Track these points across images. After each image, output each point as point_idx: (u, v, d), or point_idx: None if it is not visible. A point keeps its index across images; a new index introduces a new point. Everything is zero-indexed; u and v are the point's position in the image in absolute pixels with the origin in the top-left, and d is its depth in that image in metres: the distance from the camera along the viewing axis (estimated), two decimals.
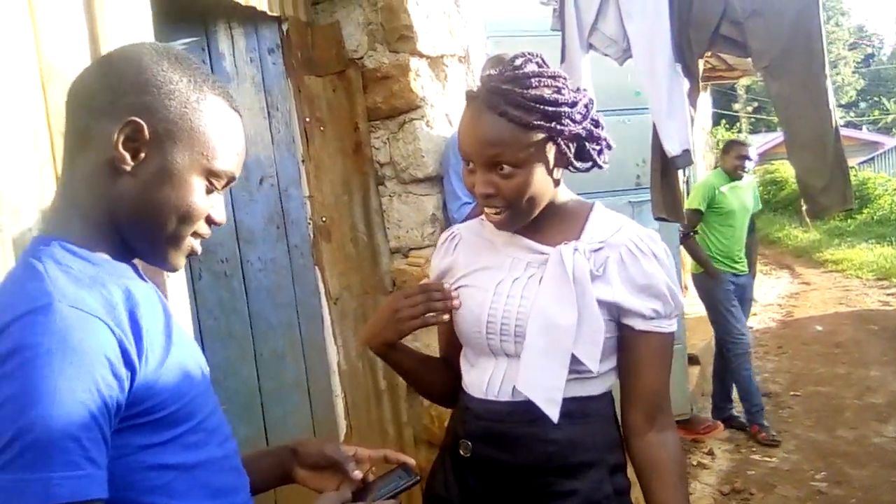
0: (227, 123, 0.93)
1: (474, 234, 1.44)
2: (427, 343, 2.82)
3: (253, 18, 2.45)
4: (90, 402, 0.76)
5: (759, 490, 3.82)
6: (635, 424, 1.31)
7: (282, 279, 2.55)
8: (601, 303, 1.25)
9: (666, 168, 2.69)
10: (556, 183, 1.30)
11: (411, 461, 1.19)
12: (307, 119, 2.62)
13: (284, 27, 2.58)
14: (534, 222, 1.31)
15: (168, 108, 0.88)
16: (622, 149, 3.30)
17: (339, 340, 2.71)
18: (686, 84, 2.56)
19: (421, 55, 2.70)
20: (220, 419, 0.97)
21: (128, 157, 0.87)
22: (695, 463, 4.20)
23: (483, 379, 1.33)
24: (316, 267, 2.66)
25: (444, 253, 1.47)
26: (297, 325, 2.58)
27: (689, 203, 4.65)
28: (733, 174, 4.64)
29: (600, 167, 1.32)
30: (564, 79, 1.27)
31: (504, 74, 1.24)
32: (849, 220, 16.19)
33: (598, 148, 1.30)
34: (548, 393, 1.24)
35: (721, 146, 5.86)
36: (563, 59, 2.74)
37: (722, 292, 4.60)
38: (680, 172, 2.76)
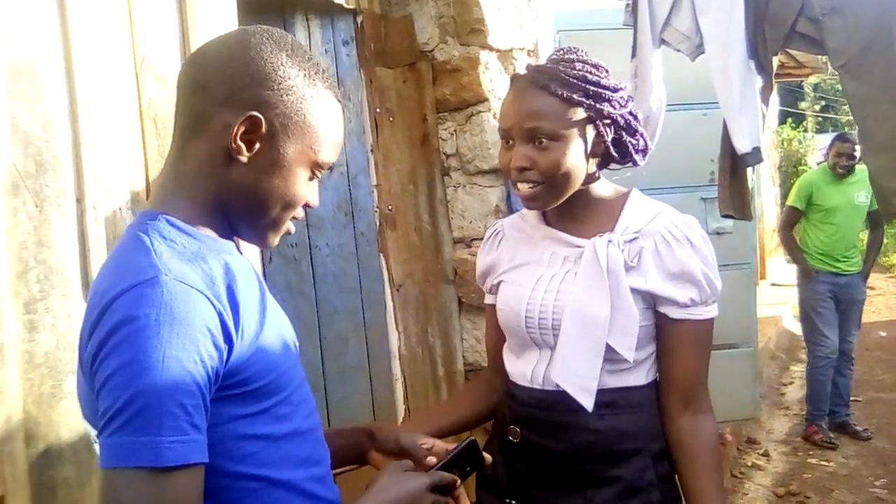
0: (334, 117, 0.97)
1: (516, 229, 1.47)
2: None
3: (329, 11, 2.52)
4: (195, 370, 0.80)
5: (816, 494, 3.76)
6: (671, 409, 1.33)
7: (348, 265, 2.62)
8: (636, 292, 1.27)
9: (735, 165, 2.65)
10: (592, 176, 1.33)
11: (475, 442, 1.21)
12: (377, 109, 2.68)
13: (359, 19, 2.64)
14: (571, 215, 1.34)
15: (285, 103, 0.91)
16: (697, 144, 3.30)
17: (401, 326, 2.77)
18: (759, 81, 2.52)
19: (491, 48, 2.73)
20: (307, 392, 1.02)
21: (244, 148, 0.91)
22: (749, 464, 4.15)
23: (527, 369, 1.37)
24: (381, 254, 2.73)
25: (488, 249, 1.51)
26: (361, 310, 2.65)
27: (788, 200, 4.69)
28: (834, 171, 4.57)
29: (636, 164, 1.34)
30: (607, 70, 1.31)
31: (552, 58, 1.31)
32: None
33: (635, 142, 1.32)
34: (582, 383, 1.27)
35: (783, 143, 5.76)
36: (634, 55, 2.73)
37: (811, 291, 4.51)
38: (749, 170, 2.73)
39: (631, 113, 1.31)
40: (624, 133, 1.31)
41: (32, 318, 1.40)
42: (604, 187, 1.37)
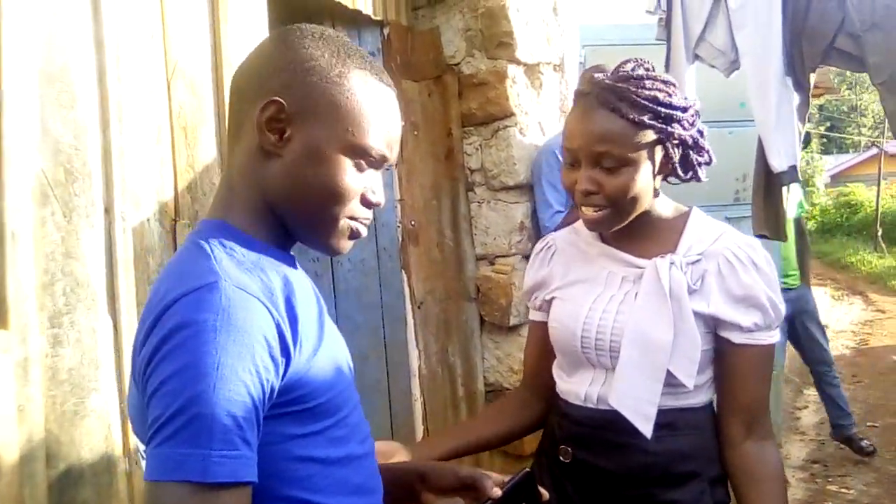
0: (373, 97, 0.89)
1: (569, 243, 1.42)
2: (508, 352, 2.80)
3: (357, 22, 2.48)
4: (250, 381, 0.76)
5: None
6: (733, 435, 1.28)
7: (369, 281, 2.57)
8: (698, 315, 1.23)
9: (770, 184, 2.60)
10: (656, 192, 1.28)
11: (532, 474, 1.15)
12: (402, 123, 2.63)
13: (385, 31, 2.60)
14: (630, 233, 1.29)
15: (307, 84, 0.86)
16: (723, 162, 3.20)
17: (421, 344, 2.71)
18: (796, 98, 2.47)
19: (518, 62, 2.69)
20: (361, 416, 0.96)
21: (273, 138, 0.86)
22: None
23: (581, 388, 1.32)
24: (402, 270, 2.67)
25: (539, 264, 1.45)
26: (382, 326, 2.59)
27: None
28: None
29: (699, 180, 1.30)
30: (675, 85, 1.26)
31: (618, 74, 1.23)
32: None
33: (700, 159, 1.29)
34: (641, 408, 1.23)
35: None
36: (666, 69, 2.68)
37: None
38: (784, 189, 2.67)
39: (699, 130, 1.27)
40: (691, 152, 1.27)
41: (57, 332, 1.35)
42: (664, 205, 1.32)
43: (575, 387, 1.34)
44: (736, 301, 1.23)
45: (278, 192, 0.88)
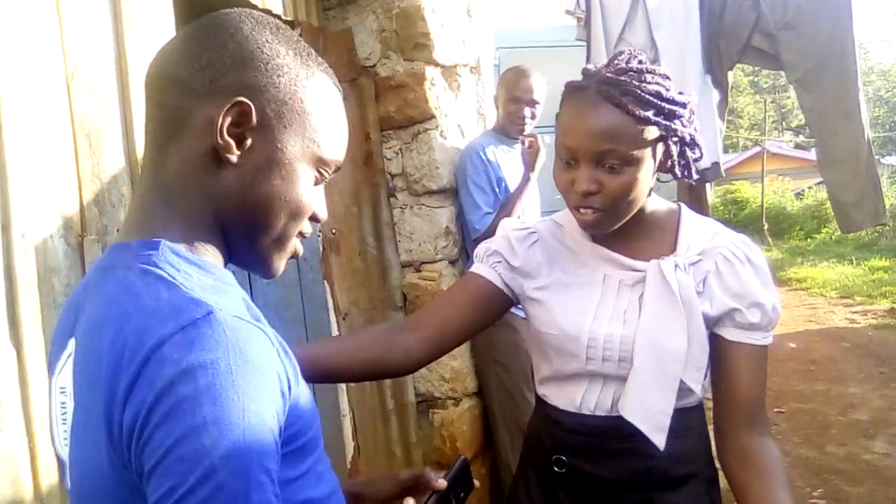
0: (335, 104, 0.82)
1: (553, 237, 1.33)
2: (438, 360, 2.74)
3: None
4: (274, 427, 0.65)
5: None
6: (734, 431, 1.23)
7: (290, 294, 2.44)
8: (704, 317, 1.19)
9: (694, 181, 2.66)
10: (650, 191, 1.23)
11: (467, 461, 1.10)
12: None
13: (297, 32, 2.49)
14: (623, 232, 1.22)
15: (277, 85, 0.75)
16: None
17: None
18: (716, 96, 2.53)
19: (436, 64, 2.64)
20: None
21: (233, 144, 0.74)
22: None
23: (576, 395, 1.27)
24: (325, 281, 2.57)
25: (517, 246, 1.33)
26: (306, 341, 2.47)
27: None
28: None
29: (692, 178, 1.24)
30: (670, 79, 1.19)
31: (616, 66, 1.16)
32: (808, 240, 16.58)
33: (695, 156, 1.23)
34: (655, 420, 1.17)
35: None
36: None
37: None
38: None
39: (695, 127, 1.22)
40: (688, 149, 1.21)
41: None
42: (655, 202, 1.26)
43: (568, 393, 1.28)
44: (735, 298, 1.19)
45: (230, 205, 0.76)
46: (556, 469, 1.28)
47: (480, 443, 2.91)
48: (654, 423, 1.17)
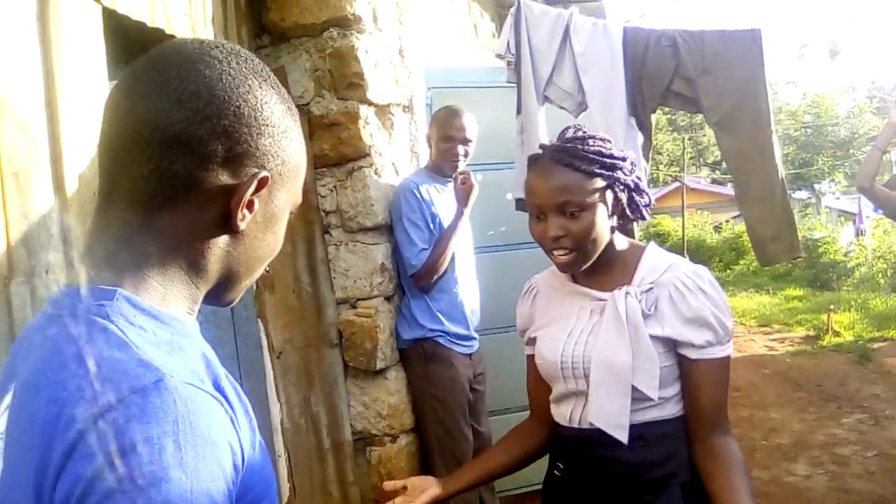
0: (305, 145, 0.82)
1: (548, 285, 1.59)
2: (375, 397, 2.72)
3: None
4: None
5: None
6: (701, 435, 1.43)
7: (223, 333, 2.41)
8: (655, 338, 1.39)
9: None
10: (613, 230, 1.46)
11: None
12: None
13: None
14: (593, 270, 1.47)
15: (283, 148, 0.75)
16: None
17: (282, 396, 2.57)
18: (640, 137, 2.64)
19: (370, 103, 2.67)
20: None
21: (248, 214, 0.73)
22: None
23: (566, 411, 1.51)
24: (258, 319, 2.53)
25: (525, 305, 1.64)
26: (239, 380, 2.42)
27: None
28: None
29: (644, 218, 1.49)
30: (610, 141, 1.47)
31: (564, 137, 1.46)
32: (728, 271, 17.22)
33: (642, 200, 1.48)
34: (615, 420, 1.40)
35: None
36: (519, 111, 2.78)
37: None
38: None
39: (637, 176, 1.46)
40: (634, 194, 1.46)
41: None
42: (620, 242, 1.50)
43: (562, 410, 1.53)
44: (688, 323, 1.39)
45: (222, 265, 0.74)
46: (556, 473, 1.55)
47: None
48: (614, 423, 1.40)
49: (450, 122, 2.75)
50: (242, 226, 0.73)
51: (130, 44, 2.04)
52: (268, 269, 2.42)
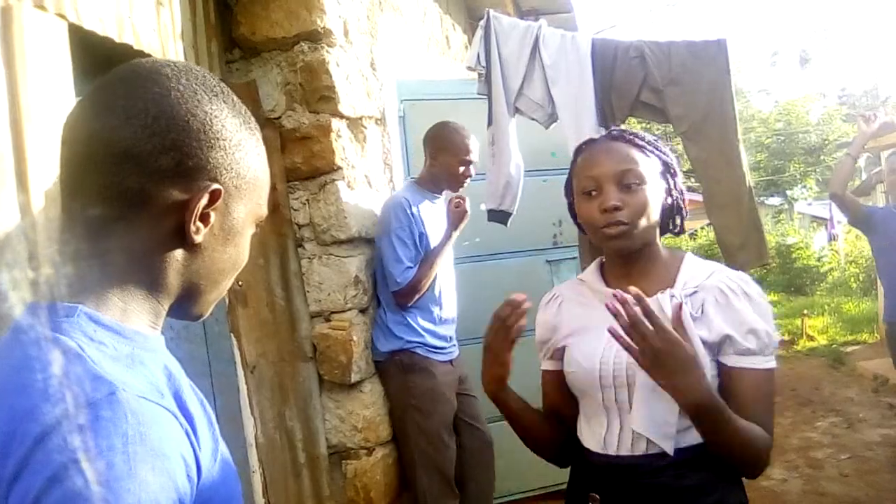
0: (266, 160, 0.83)
1: (575, 293, 1.50)
2: (350, 410, 2.72)
3: None
4: None
5: None
6: None
7: (196, 348, 2.39)
8: (704, 343, 1.30)
9: None
10: (659, 227, 1.41)
11: None
12: None
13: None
14: (631, 273, 1.39)
15: (238, 161, 0.76)
16: (541, 209, 3.42)
17: (256, 411, 2.56)
18: None
19: (341, 116, 2.68)
20: None
21: (202, 227, 0.74)
22: None
23: (600, 433, 1.38)
24: (231, 334, 2.52)
25: (550, 314, 1.52)
26: (213, 396, 2.41)
27: None
28: None
29: (682, 231, 1.47)
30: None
31: (618, 129, 1.47)
32: None
33: (683, 207, 1.45)
34: (662, 429, 1.30)
35: None
36: (489, 123, 2.80)
37: None
38: None
39: (681, 189, 1.45)
40: (678, 194, 1.43)
41: None
42: (662, 248, 1.44)
43: (595, 431, 1.40)
44: (733, 327, 1.31)
45: (184, 279, 0.76)
46: None
47: (395, 491, 2.89)
48: (661, 432, 1.30)
49: (465, 145, 2.83)
50: (198, 239, 0.74)
51: (98, 60, 2.03)
52: (240, 283, 2.41)
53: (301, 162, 2.65)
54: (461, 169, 2.84)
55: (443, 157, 2.84)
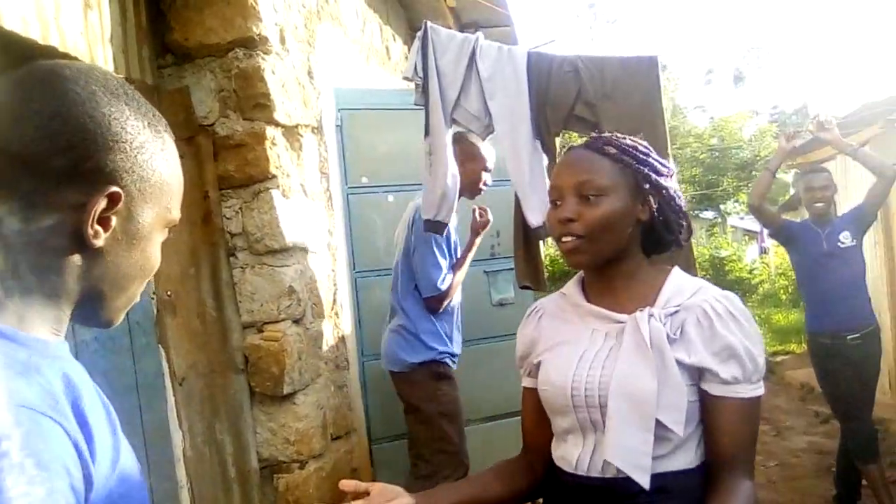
0: (178, 164, 0.82)
1: (557, 307, 1.44)
2: (283, 423, 2.67)
3: None
4: None
5: None
6: (716, 475, 1.27)
7: (121, 360, 2.31)
8: (682, 366, 1.23)
9: (528, 238, 2.83)
10: (634, 250, 1.33)
11: None
12: None
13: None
14: (611, 290, 1.34)
15: (140, 164, 0.75)
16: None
17: (185, 425, 2.49)
18: (545, 160, 2.70)
19: (277, 124, 2.64)
20: None
21: (101, 231, 0.73)
22: None
23: (573, 454, 1.31)
24: (159, 345, 2.45)
25: (528, 329, 1.47)
26: (139, 410, 2.34)
27: None
28: None
29: (679, 245, 1.37)
30: (652, 150, 1.36)
31: (603, 136, 1.37)
32: None
33: (676, 218, 1.34)
34: (635, 460, 1.21)
35: None
36: (426, 134, 2.79)
37: None
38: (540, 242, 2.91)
39: (675, 190, 1.34)
40: (666, 207, 1.32)
41: None
42: (645, 265, 1.36)
43: (567, 453, 1.33)
44: (715, 352, 1.23)
45: (87, 283, 0.74)
46: None
47: None
48: (634, 463, 1.21)
49: (482, 153, 3.02)
50: (98, 243, 0.72)
51: (17, 60, 1.96)
52: (169, 293, 2.35)
53: (234, 170, 2.60)
54: (487, 176, 3.04)
55: (470, 165, 3.00)
